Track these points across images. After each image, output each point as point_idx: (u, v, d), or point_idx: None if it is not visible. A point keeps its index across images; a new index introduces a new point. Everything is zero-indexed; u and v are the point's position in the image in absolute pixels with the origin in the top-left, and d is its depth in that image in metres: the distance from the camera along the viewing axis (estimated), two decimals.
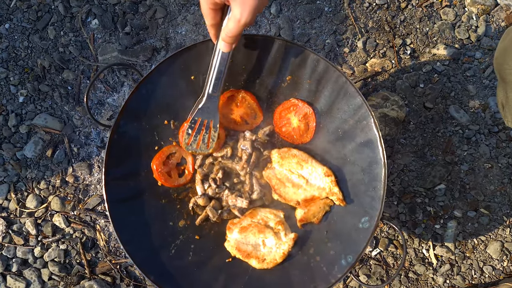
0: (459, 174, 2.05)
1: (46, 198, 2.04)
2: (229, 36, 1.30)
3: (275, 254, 1.52)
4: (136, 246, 1.48)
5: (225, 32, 1.30)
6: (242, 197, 1.57)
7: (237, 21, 1.22)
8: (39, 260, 2.00)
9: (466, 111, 2.08)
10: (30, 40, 2.12)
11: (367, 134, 1.52)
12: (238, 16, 1.21)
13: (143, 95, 1.54)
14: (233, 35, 1.29)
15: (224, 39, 1.33)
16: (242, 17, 1.21)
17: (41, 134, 2.06)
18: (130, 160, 1.55)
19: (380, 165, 1.49)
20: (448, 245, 2.01)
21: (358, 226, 1.50)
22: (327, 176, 1.54)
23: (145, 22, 2.12)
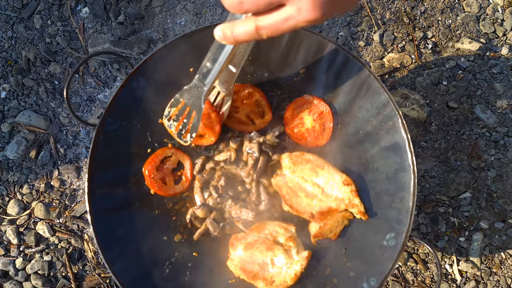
0: (486, 181, 1.91)
1: (29, 204, 1.94)
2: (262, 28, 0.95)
3: (286, 275, 1.42)
4: (125, 265, 1.39)
5: (259, 21, 0.95)
6: (247, 208, 1.48)
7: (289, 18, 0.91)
8: (21, 273, 1.90)
9: (493, 111, 1.96)
10: (14, 30, 2.03)
11: (393, 136, 1.41)
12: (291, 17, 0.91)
13: (134, 89, 1.45)
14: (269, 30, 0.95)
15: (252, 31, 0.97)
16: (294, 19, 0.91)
17: (24, 133, 1.96)
18: (119, 165, 1.46)
19: (408, 172, 1.38)
20: (473, 260, 1.88)
21: (383, 243, 1.39)
22: (346, 185, 1.44)
23: (141, 11, 2.02)
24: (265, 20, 0.92)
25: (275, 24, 0.92)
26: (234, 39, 1.00)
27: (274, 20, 0.91)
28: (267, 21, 0.92)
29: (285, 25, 0.91)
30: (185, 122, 1.37)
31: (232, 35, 1.00)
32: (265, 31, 0.94)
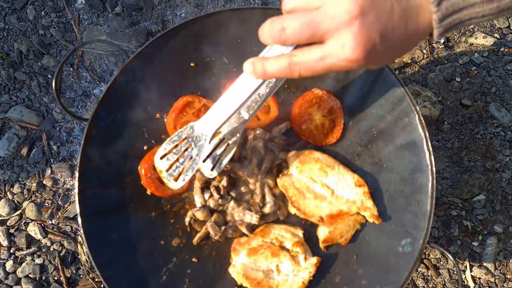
0: (501, 182, 1.86)
1: (20, 204, 1.89)
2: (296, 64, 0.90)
3: (293, 283, 1.38)
4: (118, 271, 1.36)
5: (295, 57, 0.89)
6: (251, 210, 1.44)
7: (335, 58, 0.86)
8: (11, 276, 1.85)
9: (508, 110, 1.90)
10: (6, 21, 1.98)
11: (410, 134, 1.38)
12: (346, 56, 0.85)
13: (129, 81, 1.42)
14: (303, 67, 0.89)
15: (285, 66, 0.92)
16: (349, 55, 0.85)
17: (16, 129, 1.91)
18: (113, 163, 1.42)
19: (425, 173, 1.35)
20: (487, 266, 1.82)
21: (397, 249, 1.35)
22: (358, 186, 1.41)
23: (139, 2, 1.97)
24: (302, 56, 0.87)
25: (310, 62, 0.86)
26: (264, 73, 0.94)
27: (311, 57, 0.86)
28: (303, 58, 0.87)
29: (321, 64, 0.86)
30: (180, 162, 1.22)
31: (262, 69, 0.94)
32: (299, 67, 0.88)
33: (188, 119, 1.44)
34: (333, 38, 0.82)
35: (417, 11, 0.81)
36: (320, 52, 0.84)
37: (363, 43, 0.80)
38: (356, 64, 0.83)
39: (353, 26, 0.79)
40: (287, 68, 0.89)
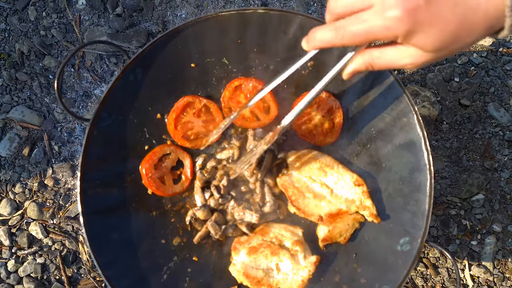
0: (499, 182, 1.86)
1: (21, 203, 1.89)
2: (370, 69, 0.95)
3: (292, 281, 1.38)
4: (119, 270, 1.36)
5: (372, 64, 0.93)
6: (251, 209, 1.44)
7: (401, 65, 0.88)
8: (13, 275, 1.86)
9: (507, 109, 1.90)
10: (7, 22, 1.98)
11: (408, 134, 1.37)
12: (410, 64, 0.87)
13: (130, 81, 1.42)
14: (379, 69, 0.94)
15: (360, 69, 0.96)
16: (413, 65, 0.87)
17: (17, 129, 1.91)
18: (114, 163, 1.42)
19: (424, 172, 1.36)
20: (485, 265, 1.83)
21: (396, 248, 1.34)
22: (357, 186, 1.41)
23: (140, 3, 1.97)
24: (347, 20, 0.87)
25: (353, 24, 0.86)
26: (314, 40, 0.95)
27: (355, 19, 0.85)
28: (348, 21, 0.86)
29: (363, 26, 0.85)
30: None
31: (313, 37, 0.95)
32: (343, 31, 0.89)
33: (189, 119, 1.44)
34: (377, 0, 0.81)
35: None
36: (364, 14, 0.83)
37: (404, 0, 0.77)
38: (398, 27, 0.79)
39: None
40: (332, 31, 0.88)
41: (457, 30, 0.77)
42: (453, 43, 0.79)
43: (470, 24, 0.77)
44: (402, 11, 0.76)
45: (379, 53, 0.89)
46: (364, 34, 0.83)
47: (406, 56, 0.85)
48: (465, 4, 0.76)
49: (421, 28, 0.77)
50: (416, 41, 0.79)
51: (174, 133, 1.44)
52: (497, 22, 0.77)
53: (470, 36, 0.79)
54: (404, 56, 0.85)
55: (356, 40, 0.85)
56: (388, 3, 0.77)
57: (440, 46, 0.79)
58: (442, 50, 0.81)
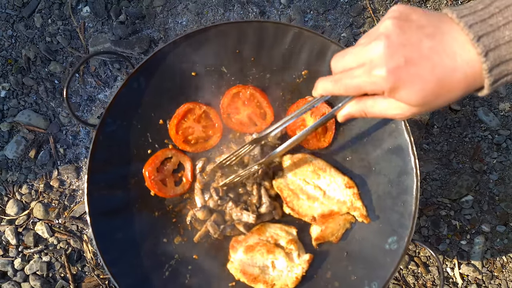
0: (488, 184, 1.89)
1: (28, 204, 1.90)
2: (363, 116, 1.03)
3: (287, 278, 1.41)
4: (124, 267, 1.38)
5: (365, 112, 1.02)
6: (248, 210, 1.46)
7: (392, 116, 0.96)
8: (20, 273, 1.87)
9: (496, 114, 1.93)
10: (14, 29, 1.99)
11: (396, 139, 1.41)
12: (400, 116, 0.94)
13: (134, 89, 1.43)
14: (371, 117, 1.04)
15: (354, 114, 1.05)
16: (402, 117, 0.95)
17: (24, 132, 1.92)
18: (118, 166, 1.44)
19: (411, 176, 1.38)
20: (475, 263, 1.86)
21: (385, 247, 1.38)
22: (348, 188, 1.44)
23: (142, 11, 1.98)
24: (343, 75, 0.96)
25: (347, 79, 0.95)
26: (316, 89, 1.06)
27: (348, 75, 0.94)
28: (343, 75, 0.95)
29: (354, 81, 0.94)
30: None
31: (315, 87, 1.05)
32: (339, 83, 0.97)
33: (189, 125, 1.47)
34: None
35: (454, 54, 0.81)
36: (356, 71, 0.91)
37: (386, 60, 0.84)
38: (383, 83, 0.87)
39: (380, 47, 0.85)
40: (332, 83, 0.98)
41: (436, 88, 0.83)
42: (435, 100, 0.85)
43: (449, 83, 0.82)
44: (385, 70, 0.84)
45: (372, 103, 0.97)
46: (355, 87, 0.92)
47: (395, 108, 0.92)
48: (443, 66, 0.81)
49: (403, 85, 0.84)
50: (400, 96, 0.86)
51: (176, 137, 1.47)
52: (474, 82, 0.82)
53: (450, 94, 0.84)
54: (394, 107, 0.92)
55: (350, 92, 0.95)
56: (374, 62, 0.85)
57: (422, 102, 0.85)
58: (425, 105, 0.87)
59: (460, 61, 0.80)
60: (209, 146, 1.50)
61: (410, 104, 0.88)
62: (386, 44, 0.84)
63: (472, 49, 0.79)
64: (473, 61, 0.79)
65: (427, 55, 0.82)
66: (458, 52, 0.80)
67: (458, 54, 0.80)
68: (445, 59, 0.81)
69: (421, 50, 0.82)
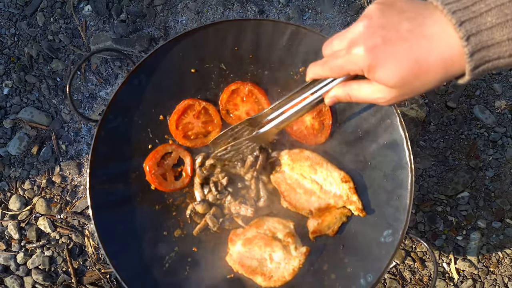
0: (484, 180, 1.91)
1: (30, 199, 1.91)
2: (349, 100, 1.05)
3: (284, 270, 1.41)
4: (125, 259, 1.37)
5: (350, 95, 1.04)
6: (246, 204, 1.47)
7: (376, 101, 0.98)
8: (22, 267, 1.88)
9: (492, 111, 1.95)
10: (17, 27, 2.01)
11: (391, 134, 1.40)
12: (383, 100, 0.96)
13: (135, 86, 1.43)
14: (355, 101, 1.04)
15: (340, 98, 1.07)
16: (386, 102, 0.97)
17: (26, 129, 1.94)
18: (120, 160, 1.44)
19: (406, 170, 1.37)
20: (470, 259, 1.87)
21: (380, 240, 1.38)
22: (344, 182, 1.44)
23: (143, 9, 2.00)
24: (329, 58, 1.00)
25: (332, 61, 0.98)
26: (308, 73, 1.08)
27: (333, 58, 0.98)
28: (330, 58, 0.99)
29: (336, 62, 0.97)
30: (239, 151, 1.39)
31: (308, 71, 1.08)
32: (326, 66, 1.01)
33: (189, 121, 1.48)
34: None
35: (431, 36, 0.82)
36: (340, 52, 0.95)
37: (365, 40, 0.87)
38: (361, 61, 0.89)
39: (360, 27, 0.89)
40: (320, 66, 1.02)
41: (414, 67, 0.84)
42: (413, 81, 0.86)
43: (425, 63, 0.83)
44: (363, 48, 0.87)
45: (357, 86, 0.99)
46: (339, 67, 0.95)
47: (377, 91, 0.94)
48: (419, 46, 0.83)
49: (380, 64, 0.86)
50: (378, 76, 0.88)
51: (176, 133, 1.47)
52: (453, 65, 0.82)
53: (428, 75, 0.85)
54: (376, 90, 0.94)
55: (335, 73, 0.98)
56: (354, 42, 0.88)
57: (400, 82, 0.87)
58: (404, 86, 0.88)
59: (437, 42, 0.82)
60: (208, 142, 1.49)
61: (388, 84, 0.89)
62: (366, 25, 0.87)
63: (453, 33, 0.80)
64: (452, 43, 0.80)
65: (404, 36, 0.84)
66: (436, 34, 0.81)
67: (437, 35, 0.82)
68: (422, 40, 0.82)
69: (400, 31, 0.84)
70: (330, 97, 1.08)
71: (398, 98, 0.94)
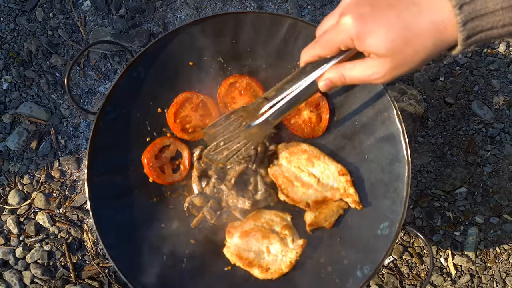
0: (482, 176, 1.91)
1: (29, 194, 1.91)
2: (344, 82, 1.04)
3: (281, 262, 1.42)
4: (123, 251, 1.38)
5: (344, 76, 1.02)
6: (244, 197, 1.46)
7: (371, 78, 0.96)
8: (21, 262, 1.88)
9: (490, 107, 1.95)
10: (16, 22, 2.01)
11: (388, 127, 1.40)
12: (378, 76, 0.94)
13: (133, 78, 1.43)
14: (351, 83, 1.03)
15: (334, 80, 1.06)
16: (382, 78, 0.95)
17: (25, 124, 1.94)
18: (118, 153, 1.45)
19: (402, 163, 1.37)
20: (468, 254, 1.88)
21: (377, 232, 1.38)
22: (341, 175, 1.44)
23: (142, 5, 2.00)
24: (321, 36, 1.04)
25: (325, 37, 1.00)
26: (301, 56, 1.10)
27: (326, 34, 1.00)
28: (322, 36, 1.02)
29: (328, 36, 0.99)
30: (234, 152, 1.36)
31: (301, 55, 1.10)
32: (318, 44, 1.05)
33: (187, 114, 1.48)
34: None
35: (420, 2, 0.83)
36: (329, 28, 0.97)
37: (353, 9, 0.88)
38: (350, 30, 0.89)
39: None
40: (312, 46, 1.03)
41: (403, 32, 0.84)
42: (404, 46, 0.85)
43: (416, 28, 0.83)
44: (351, 16, 0.88)
45: (350, 65, 0.99)
46: (329, 42, 0.96)
47: (371, 66, 0.93)
48: (409, 11, 0.83)
49: (369, 30, 0.87)
50: (368, 43, 0.88)
51: (173, 126, 1.47)
52: (445, 31, 0.82)
53: (419, 39, 0.84)
54: (370, 66, 0.93)
55: (326, 48, 0.99)
56: (343, 13, 0.90)
57: (391, 48, 0.86)
58: (396, 54, 0.87)
59: (428, 8, 0.82)
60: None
61: (378, 52, 0.89)
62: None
63: (446, 1, 0.80)
64: (444, 11, 0.80)
65: (393, 3, 0.85)
66: (427, 1, 0.82)
67: (427, 2, 0.82)
68: (412, 6, 0.83)
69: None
70: (324, 79, 1.07)
71: (392, 72, 0.92)
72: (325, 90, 1.10)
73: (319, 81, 1.09)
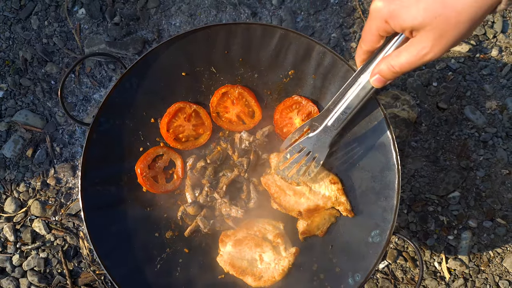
0: (475, 180, 1.91)
1: (25, 201, 1.92)
2: (395, 72, 1.03)
3: (274, 271, 1.43)
4: (117, 260, 1.39)
5: (392, 65, 1.01)
6: (237, 206, 1.48)
7: (420, 56, 0.93)
8: (18, 269, 1.89)
9: (483, 112, 1.95)
10: (12, 31, 2.02)
11: (379, 136, 1.41)
12: (426, 50, 0.91)
13: (127, 89, 1.44)
14: (402, 70, 1.01)
15: (384, 73, 1.05)
16: (431, 52, 0.91)
17: (21, 132, 1.94)
18: (112, 163, 1.46)
19: (393, 171, 1.38)
20: (462, 258, 1.88)
21: (368, 240, 1.40)
22: (333, 184, 1.45)
23: (136, 12, 2.00)
24: None
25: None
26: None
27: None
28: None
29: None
30: (302, 166, 1.38)
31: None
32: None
33: (180, 123, 1.49)
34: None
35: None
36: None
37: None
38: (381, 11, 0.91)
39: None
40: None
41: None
42: (443, 9, 0.82)
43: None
44: (379, 0, 0.91)
45: (395, 53, 0.99)
46: (368, 32, 1.00)
47: (416, 44, 0.91)
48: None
49: (400, 5, 0.88)
50: (403, 19, 0.88)
51: (167, 136, 1.48)
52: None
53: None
54: (414, 45, 0.92)
55: (368, 39, 1.02)
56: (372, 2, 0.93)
57: (429, 15, 0.84)
58: (435, 20, 0.84)
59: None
60: (199, 144, 1.50)
61: (417, 24, 0.87)
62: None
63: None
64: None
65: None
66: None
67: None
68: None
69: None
70: (374, 73, 1.08)
71: (441, 41, 0.89)
72: (378, 85, 1.10)
73: (370, 78, 1.10)
